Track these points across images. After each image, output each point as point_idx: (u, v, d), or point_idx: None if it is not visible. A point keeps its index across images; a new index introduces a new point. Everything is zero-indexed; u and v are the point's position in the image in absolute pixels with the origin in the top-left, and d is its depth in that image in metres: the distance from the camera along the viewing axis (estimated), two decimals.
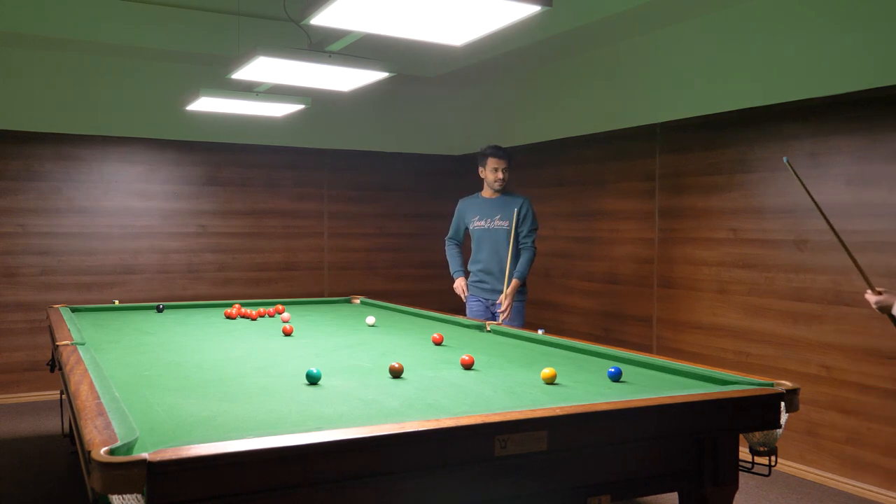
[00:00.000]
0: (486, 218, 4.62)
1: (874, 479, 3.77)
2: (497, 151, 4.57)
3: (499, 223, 4.57)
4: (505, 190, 4.64)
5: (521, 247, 4.54)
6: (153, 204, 6.00)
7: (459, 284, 4.69)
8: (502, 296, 4.47)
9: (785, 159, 3.80)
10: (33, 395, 5.57)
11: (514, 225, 4.51)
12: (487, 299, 4.61)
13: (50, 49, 5.51)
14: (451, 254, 4.82)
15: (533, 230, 4.55)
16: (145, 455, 1.45)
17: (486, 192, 4.67)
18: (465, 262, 4.80)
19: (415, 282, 7.02)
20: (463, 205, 4.78)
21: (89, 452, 1.50)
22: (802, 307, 4.09)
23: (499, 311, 4.47)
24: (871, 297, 2.86)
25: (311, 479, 1.61)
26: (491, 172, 4.57)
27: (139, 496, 1.45)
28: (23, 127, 5.55)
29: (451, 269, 4.79)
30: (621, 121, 5.24)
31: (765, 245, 4.27)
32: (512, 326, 4.06)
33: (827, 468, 3.98)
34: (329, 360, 2.78)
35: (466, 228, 4.74)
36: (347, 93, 4.46)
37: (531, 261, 4.52)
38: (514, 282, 4.47)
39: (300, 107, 4.54)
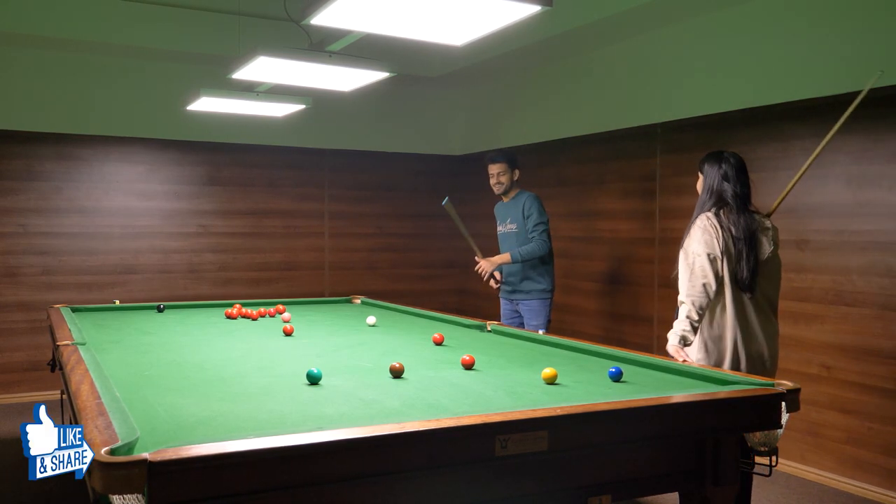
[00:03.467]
0: (502, 223, 4.65)
1: (874, 479, 3.77)
2: (489, 157, 4.58)
3: (510, 227, 4.57)
4: (514, 192, 4.59)
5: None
6: (154, 204, 6.01)
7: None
8: (485, 262, 4.48)
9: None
10: (34, 395, 5.57)
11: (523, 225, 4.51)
12: (513, 301, 4.60)
13: (50, 49, 5.51)
14: None
15: (538, 224, 4.39)
16: (146, 455, 1.45)
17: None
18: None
19: (415, 282, 7.02)
20: (495, 210, 4.81)
21: None
22: (803, 307, 4.09)
23: (492, 282, 4.55)
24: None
25: (311, 480, 1.61)
26: (489, 179, 4.60)
27: (140, 496, 1.45)
28: (23, 127, 5.55)
29: None
30: (621, 121, 5.23)
31: None
32: (530, 330, 4.06)
33: (827, 468, 3.98)
34: (330, 360, 2.78)
35: None
36: (348, 93, 4.44)
37: (534, 250, 4.33)
38: (506, 255, 4.43)
39: (300, 107, 4.54)
